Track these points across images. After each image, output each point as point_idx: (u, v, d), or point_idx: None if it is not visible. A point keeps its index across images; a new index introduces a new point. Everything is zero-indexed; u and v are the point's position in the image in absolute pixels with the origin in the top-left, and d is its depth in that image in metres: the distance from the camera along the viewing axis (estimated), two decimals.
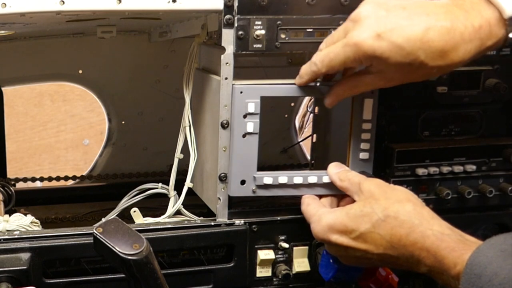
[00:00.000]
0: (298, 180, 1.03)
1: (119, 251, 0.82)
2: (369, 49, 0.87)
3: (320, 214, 0.96)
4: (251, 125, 1.00)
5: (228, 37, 0.98)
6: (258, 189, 1.03)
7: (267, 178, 1.02)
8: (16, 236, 0.98)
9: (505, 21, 0.85)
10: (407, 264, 0.88)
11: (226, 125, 1.01)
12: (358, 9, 0.91)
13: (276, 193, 1.04)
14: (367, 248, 0.91)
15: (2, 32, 1.25)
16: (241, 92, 1.00)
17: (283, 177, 1.03)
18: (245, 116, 1.00)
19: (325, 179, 1.03)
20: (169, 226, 1.04)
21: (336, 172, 1.01)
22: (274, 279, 1.09)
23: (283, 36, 0.99)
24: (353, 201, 0.97)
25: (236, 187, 1.03)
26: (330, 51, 0.92)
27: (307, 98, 1.50)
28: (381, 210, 0.89)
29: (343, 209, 0.94)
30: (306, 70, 0.98)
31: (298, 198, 1.06)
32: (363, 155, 1.05)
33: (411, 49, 0.85)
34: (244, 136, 1.01)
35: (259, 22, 0.98)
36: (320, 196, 1.04)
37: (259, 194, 1.03)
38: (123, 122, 1.48)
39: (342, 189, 0.98)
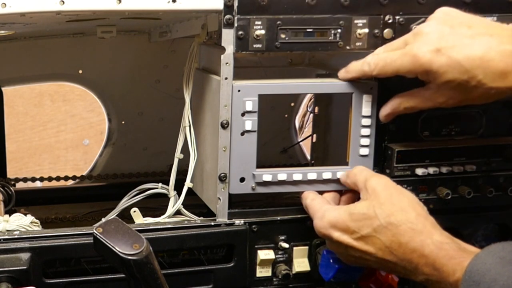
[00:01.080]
0: (297, 176, 1.03)
1: (119, 251, 0.82)
2: (426, 62, 0.88)
3: (324, 211, 0.97)
4: (249, 123, 1.01)
5: (228, 37, 0.98)
6: (258, 186, 1.03)
7: (267, 175, 1.02)
8: (16, 236, 0.98)
9: None
10: (405, 271, 0.89)
11: (226, 125, 1.01)
12: (423, 24, 0.93)
13: (275, 190, 1.04)
14: (367, 250, 0.91)
15: (2, 32, 1.25)
16: (239, 91, 1.00)
17: (282, 174, 1.03)
18: (243, 114, 1.01)
19: (325, 176, 1.04)
20: (169, 226, 1.04)
21: (343, 173, 1.03)
22: (274, 279, 1.09)
23: (283, 36, 0.99)
24: (355, 197, 0.97)
25: (235, 184, 1.03)
26: (387, 56, 0.94)
27: (307, 98, 1.50)
28: (384, 217, 0.90)
29: (347, 208, 0.94)
30: (356, 67, 0.99)
31: (298, 197, 1.06)
32: (363, 151, 1.05)
33: (470, 67, 0.85)
34: (242, 134, 1.01)
35: (259, 22, 0.98)
36: (321, 193, 1.04)
37: (258, 191, 1.04)
38: (123, 122, 1.48)
39: (348, 185, 1.00)
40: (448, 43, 0.87)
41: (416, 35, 0.91)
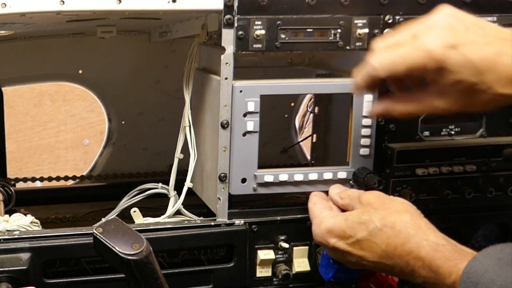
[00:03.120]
0: (298, 177, 1.03)
1: (119, 251, 0.82)
2: (441, 58, 0.82)
3: (322, 217, 0.97)
4: (251, 124, 1.01)
5: (228, 37, 0.98)
6: (259, 187, 1.03)
7: (268, 175, 1.02)
8: (16, 236, 0.98)
9: None
10: (402, 273, 0.89)
11: (226, 125, 1.01)
12: (434, 16, 0.86)
13: (277, 191, 1.04)
14: (363, 255, 0.91)
15: (2, 32, 1.25)
16: (241, 91, 1.00)
17: (283, 175, 1.03)
18: (245, 115, 1.01)
19: (326, 176, 1.04)
20: (169, 226, 1.04)
21: (337, 192, 1.01)
22: (274, 279, 1.09)
23: (283, 36, 0.99)
24: (356, 198, 0.97)
25: (237, 185, 1.03)
26: (395, 53, 0.85)
27: (307, 98, 1.50)
28: (379, 219, 0.90)
29: (343, 215, 0.95)
30: (362, 75, 0.89)
31: (298, 197, 1.06)
32: (363, 151, 1.05)
33: (483, 69, 0.81)
34: (244, 135, 1.01)
35: (259, 22, 0.98)
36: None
37: (260, 192, 1.04)
38: (123, 122, 1.48)
39: (343, 207, 0.99)
40: (464, 40, 0.82)
41: (429, 28, 0.84)
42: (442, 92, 0.85)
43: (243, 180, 1.03)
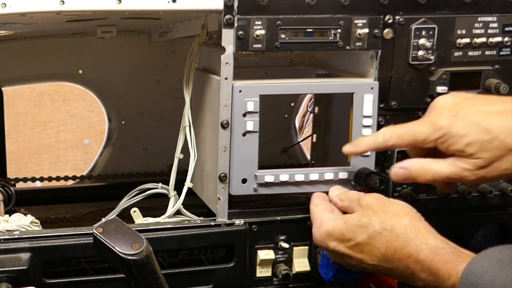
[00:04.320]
0: (299, 177, 1.03)
1: (119, 251, 0.82)
2: (445, 125, 0.87)
3: (322, 220, 0.97)
4: (251, 124, 1.01)
5: (228, 37, 0.98)
6: (260, 187, 1.03)
7: (268, 176, 1.02)
8: (16, 236, 0.98)
9: None
10: (402, 277, 0.89)
11: (226, 125, 1.01)
12: (437, 98, 0.92)
13: (277, 191, 1.04)
14: (362, 258, 0.92)
15: (2, 32, 1.25)
16: (240, 91, 1.00)
17: (284, 175, 1.03)
18: (244, 115, 1.01)
19: (327, 176, 1.04)
20: (169, 226, 1.04)
21: (337, 194, 1.01)
22: (274, 279, 1.09)
23: (283, 36, 0.99)
24: (356, 201, 0.97)
25: (237, 185, 1.03)
26: (404, 125, 0.92)
27: (307, 98, 1.50)
28: (378, 223, 0.90)
29: (343, 218, 0.94)
30: (368, 140, 0.96)
31: (299, 197, 1.06)
32: None
33: (489, 127, 0.85)
34: (244, 134, 1.01)
35: (259, 22, 0.98)
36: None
37: (260, 192, 1.04)
38: (123, 122, 1.48)
39: (343, 209, 0.99)
40: (464, 109, 0.87)
41: (432, 109, 0.91)
42: (462, 156, 0.87)
43: (244, 181, 1.03)
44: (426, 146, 0.91)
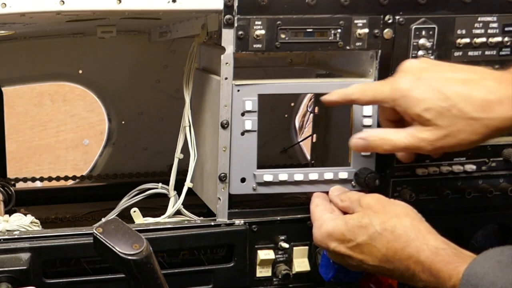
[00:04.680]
0: (298, 177, 1.03)
1: (119, 251, 0.82)
2: (405, 87, 0.87)
3: (323, 221, 0.97)
4: (249, 123, 1.01)
5: (228, 37, 0.98)
6: (259, 187, 1.03)
7: (267, 175, 1.02)
8: (16, 236, 0.98)
9: None
10: (403, 278, 0.89)
11: (226, 125, 1.01)
12: (402, 63, 0.92)
13: (276, 191, 1.04)
14: (363, 259, 0.91)
15: (2, 32, 1.25)
16: (239, 90, 1.00)
17: (283, 174, 1.03)
18: (243, 114, 1.01)
19: (326, 176, 1.03)
20: (169, 226, 1.04)
21: (337, 194, 1.01)
22: (274, 279, 1.09)
23: (283, 36, 0.99)
24: (356, 201, 0.97)
25: (236, 185, 1.03)
26: (369, 83, 0.96)
27: (307, 98, 1.50)
28: (379, 223, 0.90)
29: (343, 218, 0.94)
30: (338, 91, 0.98)
31: (299, 197, 1.05)
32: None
33: (450, 94, 0.84)
34: (242, 134, 1.01)
35: (259, 22, 0.98)
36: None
37: (259, 192, 1.04)
38: (123, 122, 1.48)
39: (344, 210, 0.99)
40: (428, 73, 0.87)
41: (398, 71, 0.91)
42: (421, 123, 0.87)
43: (243, 180, 1.03)
44: (385, 106, 0.91)
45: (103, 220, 1.05)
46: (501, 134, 0.87)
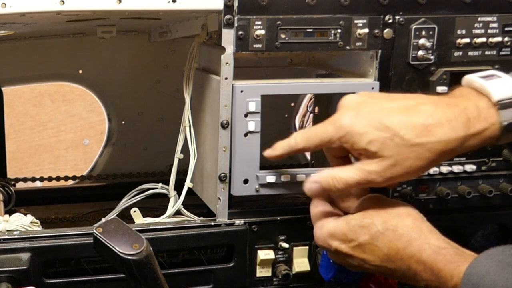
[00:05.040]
0: (300, 178, 1.03)
1: (119, 251, 0.82)
2: (347, 124, 0.87)
3: (324, 221, 0.96)
4: (252, 124, 1.01)
5: (228, 37, 0.98)
6: (261, 188, 1.03)
7: (270, 176, 1.02)
8: (16, 236, 0.98)
9: (495, 105, 0.83)
10: (404, 277, 0.89)
11: (226, 125, 1.01)
12: (341, 99, 0.91)
13: (279, 192, 1.04)
14: (365, 258, 0.91)
15: (2, 32, 1.25)
16: (242, 91, 1.00)
17: (285, 175, 1.03)
18: (246, 115, 1.00)
19: None
20: (169, 226, 1.04)
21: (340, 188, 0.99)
22: (274, 279, 1.09)
23: (283, 36, 0.99)
24: (357, 201, 0.97)
25: (239, 186, 1.03)
26: (312, 128, 0.93)
27: (307, 98, 1.50)
28: (381, 223, 0.90)
29: (344, 218, 0.94)
30: (283, 143, 0.96)
31: (299, 197, 1.05)
32: None
33: (390, 124, 0.84)
34: (245, 135, 1.01)
35: (259, 22, 0.98)
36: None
37: (262, 193, 1.03)
38: (123, 122, 1.48)
39: (345, 209, 0.97)
40: (367, 106, 0.87)
41: (338, 109, 0.90)
42: (367, 157, 0.87)
43: (245, 181, 1.03)
44: (333, 146, 0.91)
45: (103, 220, 1.05)
46: (449, 158, 0.87)
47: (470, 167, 1.09)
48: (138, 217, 1.10)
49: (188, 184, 1.12)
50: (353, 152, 0.90)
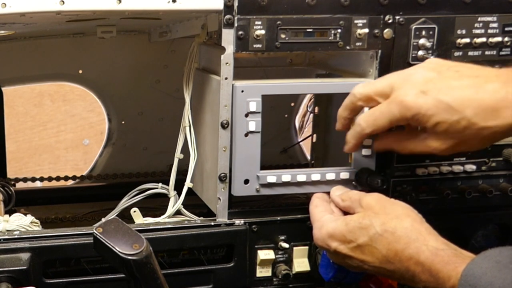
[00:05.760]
0: (301, 178, 1.03)
1: (119, 251, 0.82)
2: (414, 106, 0.87)
3: (323, 221, 0.97)
4: (253, 124, 1.01)
5: (228, 37, 0.98)
6: (262, 188, 1.03)
7: (271, 176, 1.02)
8: (16, 236, 0.98)
9: None
10: (403, 278, 0.89)
11: (226, 125, 1.01)
12: (410, 68, 0.92)
13: (280, 192, 1.04)
14: (364, 259, 0.92)
15: (2, 32, 1.25)
16: (243, 91, 1.00)
17: (286, 175, 1.03)
18: (246, 115, 1.00)
19: (328, 176, 1.03)
20: (169, 226, 1.04)
21: (338, 194, 1.01)
22: (274, 279, 1.09)
23: (283, 36, 0.99)
24: (357, 200, 0.97)
25: (239, 186, 1.03)
26: (375, 109, 0.92)
27: (307, 98, 1.50)
28: (379, 225, 0.90)
29: (344, 219, 0.94)
30: (351, 133, 0.97)
31: (299, 197, 1.05)
32: (365, 151, 1.05)
33: (458, 107, 0.85)
34: (246, 135, 1.01)
35: (259, 22, 0.98)
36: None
37: (262, 193, 1.03)
38: (123, 122, 1.48)
39: (345, 209, 0.99)
40: (435, 85, 0.87)
41: (403, 81, 0.90)
42: (433, 133, 0.89)
43: (246, 181, 1.03)
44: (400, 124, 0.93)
45: (103, 220, 1.05)
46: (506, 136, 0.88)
47: (470, 167, 1.09)
48: (138, 217, 1.10)
49: (188, 184, 1.12)
50: (421, 127, 0.91)
